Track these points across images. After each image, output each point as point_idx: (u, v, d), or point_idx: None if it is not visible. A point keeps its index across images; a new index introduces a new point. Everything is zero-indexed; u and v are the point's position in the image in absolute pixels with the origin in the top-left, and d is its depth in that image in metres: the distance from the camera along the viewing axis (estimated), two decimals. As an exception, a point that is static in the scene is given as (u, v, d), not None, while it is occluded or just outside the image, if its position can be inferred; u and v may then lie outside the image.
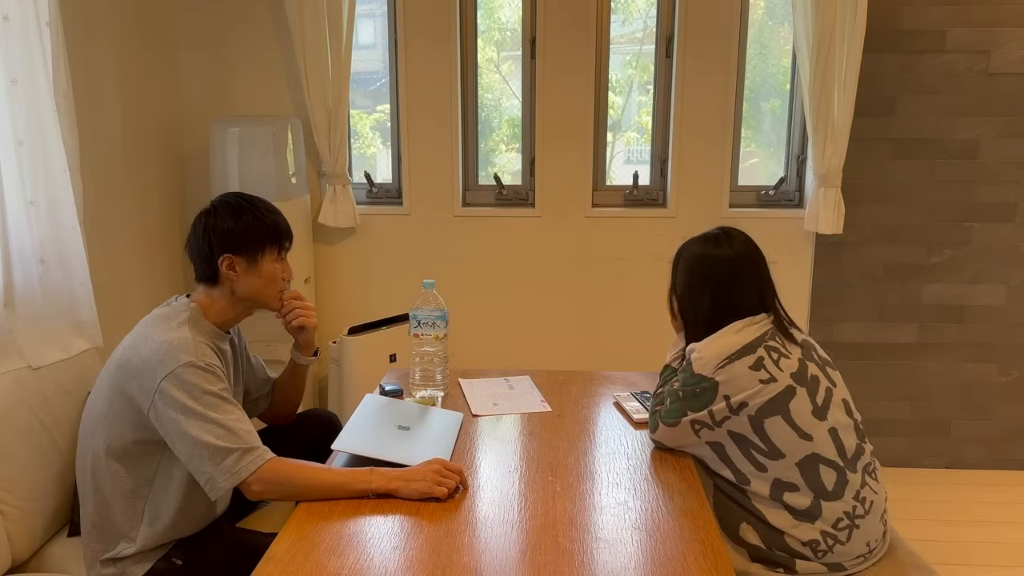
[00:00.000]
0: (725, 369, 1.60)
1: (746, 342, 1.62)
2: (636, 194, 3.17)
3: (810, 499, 1.57)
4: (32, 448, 1.76)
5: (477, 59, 3.14)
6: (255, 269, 1.69)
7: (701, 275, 1.72)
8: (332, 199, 3.05)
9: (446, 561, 1.30)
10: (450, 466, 1.55)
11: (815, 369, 1.65)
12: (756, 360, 1.60)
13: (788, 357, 1.63)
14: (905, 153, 3.02)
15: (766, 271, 1.74)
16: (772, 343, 1.64)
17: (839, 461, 1.59)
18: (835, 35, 2.76)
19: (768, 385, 1.59)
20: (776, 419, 1.58)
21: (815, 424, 1.59)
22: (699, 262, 1.73)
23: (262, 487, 1.51)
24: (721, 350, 1.62)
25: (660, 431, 1.72)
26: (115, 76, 2.67)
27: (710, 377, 1.61)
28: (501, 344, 3.24)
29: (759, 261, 1.73)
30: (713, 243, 1.74)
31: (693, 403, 1.64)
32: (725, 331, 1.66)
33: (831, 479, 1.58)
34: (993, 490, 3.05)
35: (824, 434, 1.59)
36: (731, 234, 1.75)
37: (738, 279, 1.70)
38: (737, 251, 1.71)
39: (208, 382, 1.54)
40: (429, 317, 1.98)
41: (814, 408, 1.60)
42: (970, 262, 3.08)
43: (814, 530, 1.57)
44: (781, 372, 1.60)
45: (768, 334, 1.65)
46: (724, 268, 1.71)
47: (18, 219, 1.93)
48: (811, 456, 1.58)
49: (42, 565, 1.79)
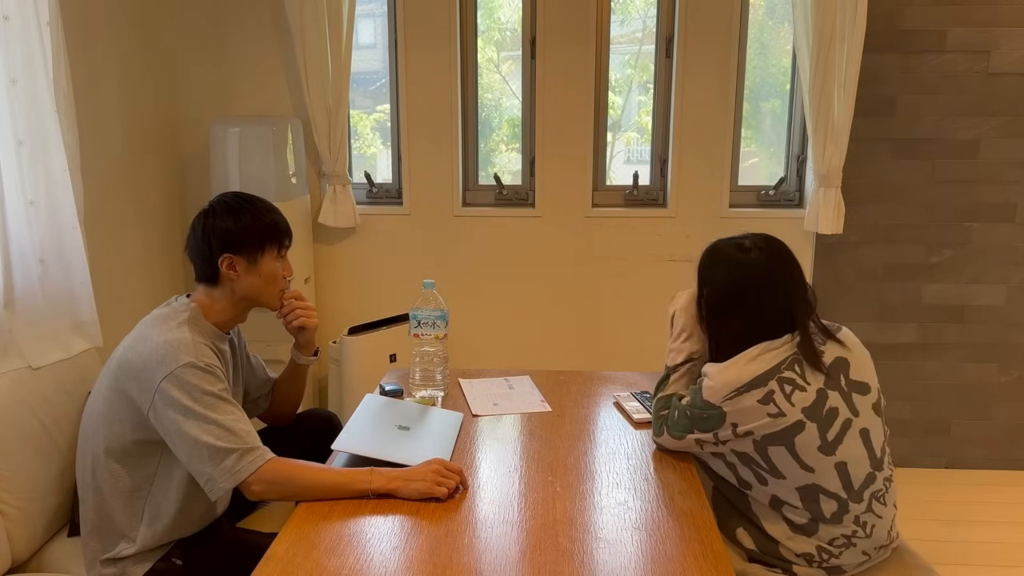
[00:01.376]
0: (733, 400, 1.53)
1: (758, 373, 1.53)
2: (636, 194, 3.17)
3: (806, 519, 1.55)
4: (32, 448, 1.76)
5: (477, 59, 3.14)
6: (255, 268, 1.69)
7: (730, 285, 1.61)
8: (332, 199, 3.05)
9: (446, 561, 1.30)
10: (450, 466, 1.55)
11: (837, 399, 1.55)
12: (766, 394, 1.52)
13: (804, 390, 1.53)
14: (905, 153, 3.02)
15: (801, 284, 1.61)
16: (788, 373, 1.53)
17: (842, 493, 1.53)
18: (835, 35, 2.76)
19: (776, 419, 1.52)
20: (779, 448, 1.53)
21: (820, 458, 1.52)
22: (730, 269, 1.62)
23: (262, 487, 1.51)
24: (731, 380, 1.54)
25: (665, 439, 1.69)
26: (115, 76, 2.67)
27: (718, 406, 1.55)
28: (501, 344, 3.24)
29: (794, 273, 1.61)
30: (745, 250, 1.61)
31: (700, 425, 1.59)
32: (740, 358, 1.56)
33: (831, 508, 1.54)
34: (993, 490, 3.05)
35: (829, 468, 1.53)
36: (766, 241, 1.63)
37: (768, 293, 1.58)
38: (772, 259, 1.60)
39: (208, 383, 1.54)
40: (429, 317, 1.98)
41: (822, 444, 1.52)
42: (970, 262, 3.08)
43: (809, 544, 1.55)
44: (792, 407, 1.52)
45: (786, 363, 1.54)
46: (754, 279, 1.59)
47: (18, 219, 1.93)
48: (811, 486, 1.53)
49: (42, 565, 1.79)
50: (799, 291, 1.60)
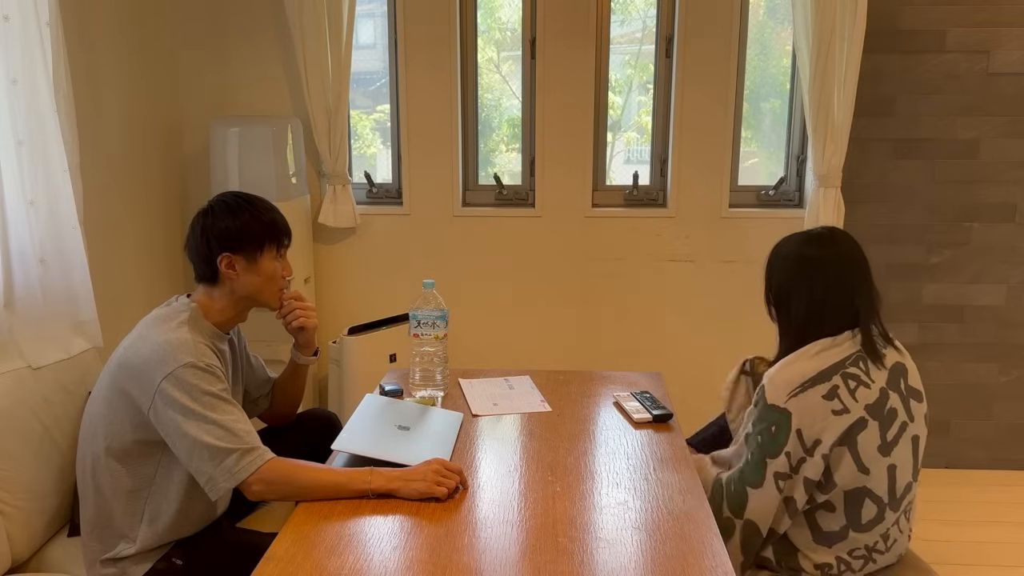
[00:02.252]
0: (798, 398, 1.51)
1: (821, 368, 1.52)
2: (636, 194, 3.17)
3: (840, 525, 1.54)
4: (32, 448, 1.76)
5: (477, 59, 3.14)
6: (254, 267, 1.69)
7: (798, 276, 1.61)
8: (332, 199, 3.05)
9: (446, 561, 1.30)
10: (450, 466, 1.55)
11: (896, 401, 1.55)
12: (830, 389, 1.50)
13: (868, 387, 1.52)
14: (905, 153, 3.02)
15: (869, 282, 1.60)
16: (852, 369, 1.52)
17: (884, 498, 1.53)
18: (835, 35, 2.76)
19: (840, 417, 1.50)
20: (842, 450, 1.51)
21: (877, 459, 1.52)
22: (797, 262, 1.62)
23: (262, 487, 1.51)
24: (793, 377, 1.53)
25: (751, 500, 1.55)
26: (115, 76, 2.67)
27: (783, 408, 1.52)
28: (501, 344, 3.24)
29: (863, 269, 1.60)
30: (817, 243, 1.61)
31: (771, 447, 1.53)
32: (800, 354, 1.56)
33: (871, 513, 1.53)
34: (993, 490, 3.05)
35: (882, 470, 1.52)
36: (836, 235, 1.63)
37: (836, 287, 1.58)
38: (840, 254, 1.59)
39: (208, 382, 1.54)
40: (429, 317, 1.98)
41: (881, 443, 1.52)
42: (970, 262, 3.08)
43: (830, 554, 1.55)
44: (856, 403, 1.51)
45: (850, 359, 1.53)
46: (822, 271, 1.58)
47: (18, 219, 1.93)
48: (860, 489, 1.52)
49: (42, 565, 1.79)
50: (865, 288, 1.59)
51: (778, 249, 1.69)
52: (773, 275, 1.68)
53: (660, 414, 1.89)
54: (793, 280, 1.62)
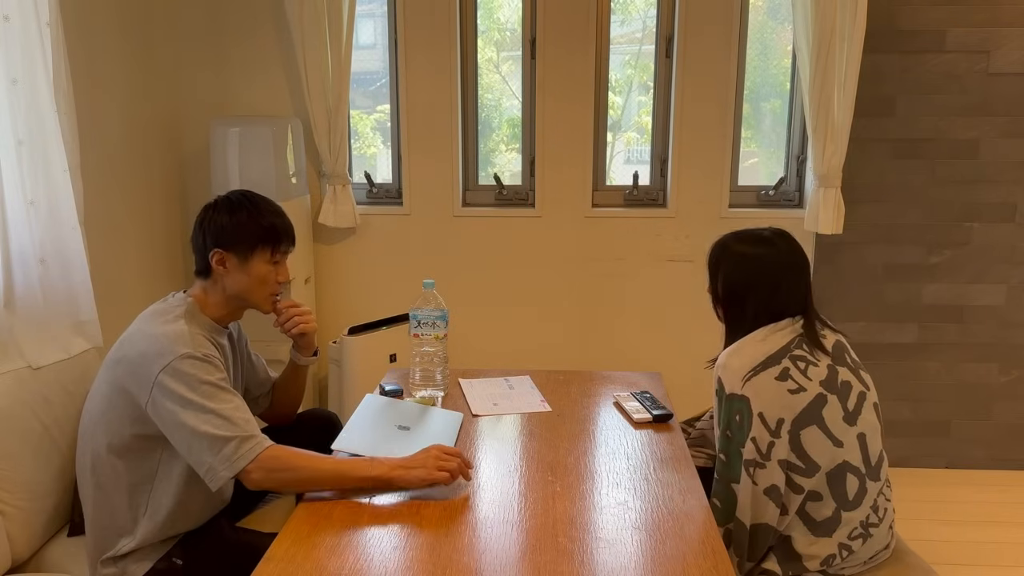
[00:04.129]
0: (751, 381, 1.56)
1: (770, 352, 1.58)
2: (636, 194, 3.17)
3: (832, 509, 1.56)
4: (32, 448, 1.76)
5: (477, 59, 3.14)
6: (245, 267, 1.68)
7: (755, 276, 1.67)
8: (332, 199, 3.05)
9: (446, 561, 1.30)
10: (449, 450, 1.55)
11: (847, 374, 1.61)
12: (782, 371, 1.56)
13: (816, 365, 1.58)
14: (905, 153, 3.02)
15: (809, 274, 1.70)
16: (798, 352, 1.59)
17: (862, 468, 1.57)
18: (835, 35, 2.76)
19: (797, 396, 1.55)
20: (811, 429, 1.54)
21: (846, 430, 1.56)
22: (755, 262, 1.68)
23: (261, 475, 1.50)
24: (745, 361, 1.58)
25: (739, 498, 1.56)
26: (115, 76, 2.67)
27: (741, 394, 1.56)
28: (501, 344, 3.24)
29: (807, 265, 1.69)
30: (769, 243, 1.68)
31: (739, 436, 1.56)
32: (746, 341, 1.62)
33: (854, 487, 1.56)
34: (993, 490, 3.05)
35: (853, 440, 1.57)
36: (784, 235, 1.70)
37: (795, 283, 1.66)
38: (792, 251, 1.68)
39: (206, 372, 1.54)
40: (429, 317, 1.98)
41: (845, 414, 1.57)
42: (970, 262, 3.08)
43: (831, 543, 1.56)
44: (810, 381, 1.56)
45: (794, 342, 1.60)
46: (780, 270, 1.66)
47: (18, 219, 1.93)
48: (840, 465, 1.55)
49: (42, 565, 1.79)
50: (807, 281, 1.69)
51: (726, 249, 1.73)
52: (725, 274, 1.72)
53: (660, 414, 1.89)
54: (749, 279, 1.68)
